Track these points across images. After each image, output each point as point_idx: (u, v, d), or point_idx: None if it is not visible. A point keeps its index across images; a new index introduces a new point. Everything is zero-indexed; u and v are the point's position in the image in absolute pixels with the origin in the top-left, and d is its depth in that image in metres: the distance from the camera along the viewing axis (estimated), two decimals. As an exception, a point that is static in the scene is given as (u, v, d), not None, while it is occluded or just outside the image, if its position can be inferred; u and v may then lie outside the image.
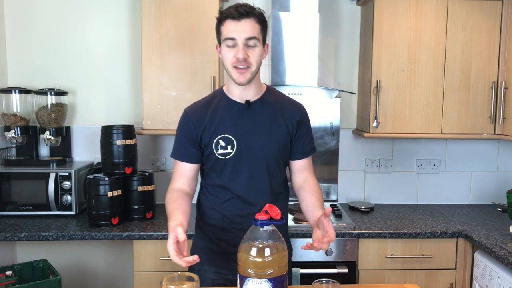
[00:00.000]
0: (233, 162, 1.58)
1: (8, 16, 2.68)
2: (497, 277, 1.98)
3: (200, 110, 1.62)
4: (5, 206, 2.45)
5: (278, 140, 1.61)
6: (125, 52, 2.72)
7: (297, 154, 1.67)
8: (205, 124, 1.59)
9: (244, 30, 1.47)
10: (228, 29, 1.48)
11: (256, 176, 1.60)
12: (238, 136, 1.58)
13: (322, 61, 2.77)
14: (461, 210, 2.74)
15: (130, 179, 2.43)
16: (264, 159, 1.60)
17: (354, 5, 2.79)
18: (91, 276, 2.77)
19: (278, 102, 1.66)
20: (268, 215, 1.23)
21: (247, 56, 1.49)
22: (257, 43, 1.50)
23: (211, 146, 1.59)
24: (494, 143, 2.90)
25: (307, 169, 1.70)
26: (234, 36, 1.47)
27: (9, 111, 2.56)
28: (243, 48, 1.48)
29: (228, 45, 1.49)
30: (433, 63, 2.51)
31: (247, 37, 1.47)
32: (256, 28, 1.49)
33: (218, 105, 1.62)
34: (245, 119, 1.60)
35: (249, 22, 1.48)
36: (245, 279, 1.20)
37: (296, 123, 1.64)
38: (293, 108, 1.67)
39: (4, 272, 2.12)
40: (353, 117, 2.87)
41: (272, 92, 1.68)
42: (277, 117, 1.62)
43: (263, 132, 1.60)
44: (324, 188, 2.81)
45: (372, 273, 2.30)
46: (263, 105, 1.62)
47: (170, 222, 1.42)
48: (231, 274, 1.61)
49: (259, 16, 1.51)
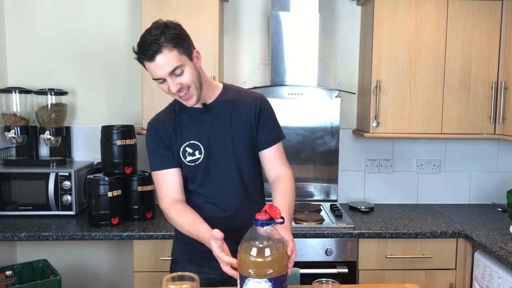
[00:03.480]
0: (203, 166, 1.58)
1: (8, 16, 2.68)
2: (497, 277, 1.98)
3: (163, 120, 1.62)
4: (5, 206, 2.45)
5: (242, 136, 1.60)
6: (125, 52, 2.72)
7: (261, 144, 1.64)
8: (170, 134, 1.59)
9: (163, 67, 1.41)
10: (150, 71, 1.44)
11: (227, 175, 1.59)
12: (203, 140, 1.58)
13: (322, 61, 2.77)
14: (461, 210, 2.74)
15: (130, 179, 2.43)
16: (233, 157, 1.59)
17: (354, 5, 2.79)
18: (91, 276, 2.77)
19: (236, 98, 1.64)
20: (268, 215, 1.23)
21: (180, 84, 1.46)
22: (184, 67, 1.45)
23: (179, 154, 1.59)
24: (494, 143, 2.90)
25: (277, 159, 1.65)
26: (159, 76, 1.44)
27: (9, 111, 2.56)
28: (172, 81, 1.44)
29: (160, 82, 1.47)
30: (433, 63, 2.51)
31: (169, 71, 1.42)
32: (173, 56, 1.41)
33: (179, 113, 1.62)
34: (206, 122, 1.59)
35: (163, 56, 1.40)
36: (245, 279, 1.20)
37: (256, 114, 1.61)
38: (251, 101, 1.64)
39: (4, 272, 2.12)
40: (353, 117, 2.87)
41: (229, 90, 1.66)
42: (237, 113, 1.61)
43: (226, 131, 1.59)
44: (324, 188, 2.81)
45: (372, 273, 2.30)
46: (222, 104, 1.61)
47: (201, 232, 1.41)
48: (213, 273, 1.60)
49: (170, 42, 1.40)
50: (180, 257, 1.69)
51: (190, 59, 1.48)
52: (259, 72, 2.80)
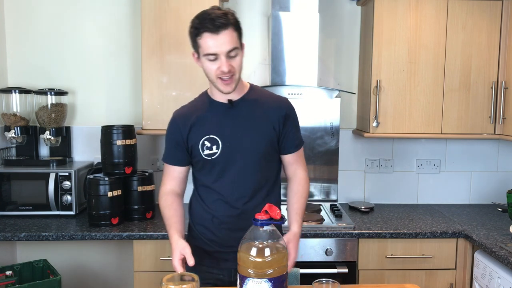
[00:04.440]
0: (219, 161, 1.60)
1: (8, 16, 2.68)
2: (497, 277, 1.98)
3: (185, 113, 1.65)
4: (5, 206, 2.45)
5: (263, 137, 1.61)
6: (125, 52, 2.72)
7: (288, 149, 1.67)
8: (190, 127, 1.62)
9: (224, 43, 1.45)
10: (207, 44, 1.46)
11: (242, 174, 1.61)
12: (223, 136, 1.59)
13: (322, 61, 2.77)
14: (461, 210, 2.74)
15: (130, 179, 2.43)
16: (251, 156, 1.60)
17: (354, 5, 2.79)
18: (91, 276, 2.77)
19: (262, 99, 1.66)
20: (268, 215, 1.23)
21: (231, 67, 1.49)
22: (238, 51, 1.50)
23: (197, 147, 1.61)
24: (494, 143, 2.90)
25: (298, 161, 1.71)
26: (215, 51, 1.46)
27: (9, 111, 2.56)
28: (226, 61, 1.47)
29: (210, 59, 1.49)
30: (433, 63, 2.51)
31: (229, 49, 1.46)
32: (234, 37, 1.47)
33: (203, 107, 1.65)
34: (229, 119, 1.61)
35: (228, 33, 1.45)
36: (245, 279, 1.20)
37: (282, 118, 1.63)
38: (278, 104, 1.66)
39: (4, 272, 2.12)
40: (353, 117, 2.87)
41: (255, 90, 1.68)
42: (261, 114, 1.62)
43: (248, 130, 1.60)
44: (324, 188, 2.81)
45: (372, 273, 2.30)
46: (246, 103, 1.63)
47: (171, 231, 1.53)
48: (221, 274, 1.62)
49: (234, 23, 1.48)
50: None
51: (241, 48, 1.53)
52: (259, 72, 2.80)
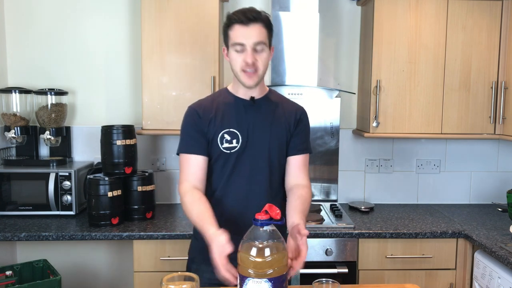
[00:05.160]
0: (236, 156, 1.61)
1: (8, 16, 2.68)
2: (497, 277, 1.98)
3: (205, 105, 1.66)
4: (5, 206, 2.44)
5: (278, 137, 1.65)
6: (125, 52, 2.72)
7: (291, 150, 1.68)
8: (210, 118, 1.62)
9: (252, 35, 1.52)
10: (236, 34, 1.53)
11: (256, 171, 1.63)
12: (243, 131, 1.62)
13: (322, 61, 2.77)
14: (461, 210, 2.74)
15: (130, 179, 2.43)
16: (267, 154, 1.63)
17: (354, 5, 2.79)
18: (91, 276, 2.77)
19: (280, 101, 1.72)
20: (268, 215, 1.23)
21: (255, 60, 1.54)
22: (265, 48, 1.55)
23: (216, 140, 1.61)
24: (494, 143, 2.90)
25: (302, 168, 1.69)
26: (242, 41, 1.53)
27: (9, 111, 2.56)
28: (251, 52, 1.53)
29: (237, 50, 1.54)
30: (433, 63, 2.51)
31: (255, 42, 1.53)
32: (263, 32, 1.54)
33: (224, 101, 1.67)
34: (250, 115, 1.64)
35: (257, 27, 1.53)
36: (245, 279, 1.20)
37: (295, 121, 1.69)
38: (293, 108, 1.72)
39: (4, 272, 2.12)
40: (353, 117, 2.87)
41: (274, 93, 1.75)
42: (279, 115, 1.67)
43: (266, 128, 1.64)
44: (324, 188, 2.81)
45: (372, 273, 2.30)
46: (267, 103, 1.68)
47: (206, 226, 1.43)
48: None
49: (266, 21, 1.56)
50: (196, 256, 1.70)
51: (269, 48, 1.59)
52: (259, 72, 2.80)
